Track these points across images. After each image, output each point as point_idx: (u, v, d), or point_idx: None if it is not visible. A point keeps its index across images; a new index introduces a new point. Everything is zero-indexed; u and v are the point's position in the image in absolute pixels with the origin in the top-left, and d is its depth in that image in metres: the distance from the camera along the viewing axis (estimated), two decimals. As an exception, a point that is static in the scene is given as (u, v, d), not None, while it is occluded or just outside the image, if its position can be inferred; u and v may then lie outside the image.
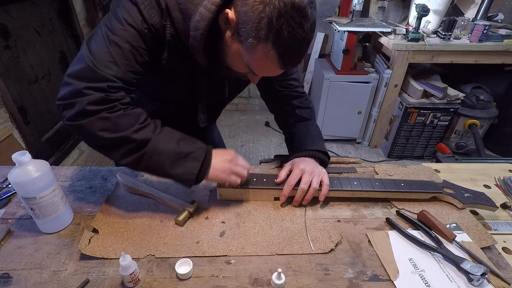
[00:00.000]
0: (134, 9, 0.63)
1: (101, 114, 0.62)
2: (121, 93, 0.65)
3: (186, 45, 0.68)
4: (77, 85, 0.61)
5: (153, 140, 0.65)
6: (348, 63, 2.42)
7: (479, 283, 0.59)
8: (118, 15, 0.64)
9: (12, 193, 0.82)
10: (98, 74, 0.62)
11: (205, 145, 0.71)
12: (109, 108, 0.63)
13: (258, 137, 2.92)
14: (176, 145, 0.67)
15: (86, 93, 0.61)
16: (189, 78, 0.78)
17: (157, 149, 0.65)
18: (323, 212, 0.79)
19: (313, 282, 0.61)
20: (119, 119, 0.63)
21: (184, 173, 0.67)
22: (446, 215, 0.77)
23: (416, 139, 2.54)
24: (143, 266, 0.63)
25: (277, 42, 0.57)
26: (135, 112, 0.66)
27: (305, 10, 0.56)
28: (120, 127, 0.63)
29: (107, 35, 0.63)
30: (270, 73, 0.68)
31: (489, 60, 2.29)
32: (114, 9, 0.66)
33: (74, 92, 0.61)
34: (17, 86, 1.62)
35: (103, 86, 0.62)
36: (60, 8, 2.00)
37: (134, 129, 0.64)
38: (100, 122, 0.62)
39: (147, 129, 0.66)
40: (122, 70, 0.64)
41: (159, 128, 0.68)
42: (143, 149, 0.65)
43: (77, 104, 0.61)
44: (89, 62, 0.62)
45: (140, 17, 0.63)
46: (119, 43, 0.63)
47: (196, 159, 0.68)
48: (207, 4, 0.60)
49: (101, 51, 0.63)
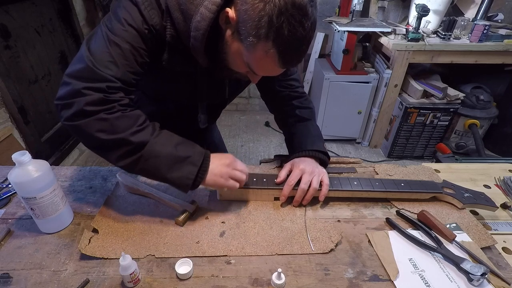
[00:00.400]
0: (134, 9, 0.63)
1: (99, 115, 0.61)
2: (120, 94, 0.65)
3: (186, 46, 0.67)
4: (76, 85, 0.61)
5: (150, 143, 0.65)
6: (348, 63, 2.42)
7: (479, 283, 0.59)
8: (118, 16, 0.64)
9: (12, 193, 0.82)
10: (97, 74, 0.61)
11: (204, 149, 0.71)
12: (108, 109, 0.62)
13: (258, 137, 2.92)
14: (174, 148, 0.67)
15: (85, 93, 0.61)
16: (189, 78, 0.78)
17: (153, 152, 0.65)
18: (323, 212, 0.79)
19: (313, 282, 0.61)
20: (117, 120, 0.63)
21: (181, 178, 0.66)
22: (446, 215, 0.77)
23: (416, 139, 2.54)
24: (143, 266, 0.63)
25: (277, 40, 0.57)
26: (133, 114, 0.66)
27: (306, 9, 0.56)
28: (118, 129, 0.62)
29: (107, 35, 0.63)
30: (270, 73, 0.68)
31: (489, 60, 2.29)
32: (114, 9, 0.66)
33: (73, 92, 0.61)
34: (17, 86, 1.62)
35: (102, 86, 0.62)
36: (60, 8, 2.00)
37: (131, 131, 0.63)
38: (98, 123, 0.62)
39: (145, 131, 0.65)
40: (121, 70, 0.64)
41: (157, 131, 0.67)
42: (140, 151, 0.64)
43: (76, 104, 0.61)
44: (88, 62, 0.61)
45: (140, 18, 0.63)
46: (119, 43, 0.63)
47: (194, 163, 0.67)
48: (207, 5, 0.60)
49: (100, 51, 0.62)
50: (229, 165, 0.72)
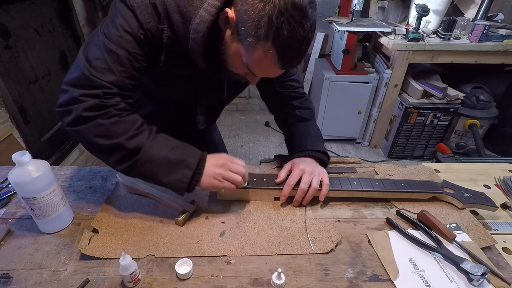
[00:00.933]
0: (130, 15, 0.63)
1: (96, 121, 0.63)
2: (116, 98, 0.66)
3: (185, 48, 0.68)
4: (74, 92, 0.63)
5: (145, 147, 0.65)
6: (348, 63, 2.42)
7: (479, 283, 0.59)
8: (114, 22, 0.64)
9: (12, 193, 0.82)
10: (93, 81, 0.63)
11: (200, 152, 0.71)
12: (104, 114, 0.63)
13: (258, 137, 2.92)
14: (169, 152, 0.67)
15: (82, 100, 0.62)
16: (188, 80, 0.78)
17: (149, 157, 0.66)
18: (323, 212, 0.79)
19: (313, 282, 0.61)
20: (113, 126, 0.64)
21: (176, 181, 0.67)
22: (446, 215, 0.77)
23: (416, 139, 2.54)
24: (143, 266, 0.63)
25: (276, 41, 0.57)
26: (130, 119, 0.66)
27: (306, 10, 0.56)
28: (114, 134, 0.64)
29: (103, 43, 0.64)
30: (269, 74, 0.67)
31: (489, 60, 2.29)
32: (111, 16, 0.66)
33: (71, 99, 0.63)
34: (17, 86, 1.62)
35: (98, 92, 0.63)
36: (60, 8, 2.00)
37: (127, 136, 0.64)
38: (95, 129, 0.63)
39: (140, 136, 0.66)
40: (117, 76, 0.65)
41: (153, 135, 0.68)
42: (135, 156, 0.65)
43: (74, 111, 0.63)
44: (84, 70, 0.63)
45: (136, 23, 0.64)
46: (115, 50, 0.63)
47: (188, 167, 0.67)
48: (207, 7, 0.60)
49: (96, 59, 0.64)
50: (222, 165, 0.72)
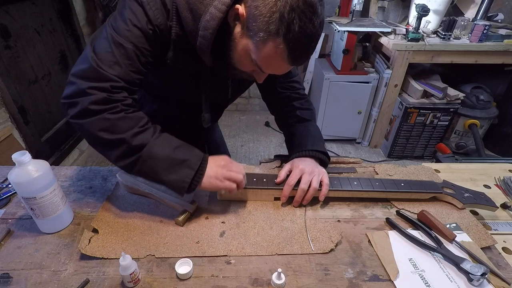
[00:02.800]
0: (139, 10, 0.64)
1: (103, 115, 0.63)
2: (123, 93, 0.66)
3: (193, 45, 0.68)
4: (81, 84, 0.63)
5: (149, 144, 0.65)
6: (348, 63, 2.42)
7: (479, 283, 0.59)
8: (123, 16, 0.64)
9: (12, 193, 0.82)
10: (101, 74, 0.63)
11: (202, 153, 0.71)
12: (111, 108, 0.64)
13: (258, 137, 2.92)
14: (172, 151, 0.67)
15: (90, 93, 0.62)
16: (193, 77, 0.78)
17: (152, 154, 0.66)
18: (323, 212, 0.79)
19: (313, 282, 0.61)
20: (119, 121, 0.64)
21: (177, 180, 0.67)
22: (446, 215, 0.77)
23: (416, 139, 2.54)
24: (143, 266, 0.63)
25: (287, 36, 0.57)
26: (136, 115, 0.67)
27: (316, 6, 0.56)
28: (119, 129, 0.64)
29: (112, 36, 0.64)
30: (277, 70, 0.67)
31: (489, 60, 2.29)
32: (120, 10, 0.66)
33: (78, 91, 0.63)
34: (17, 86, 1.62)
35: (106, 86, 0.63)
36: (60, 8, 1.99)
37: (132, 133, 0.64)
38: (101, 123, 0.63)
39: (145, 133, 0.66)
40: (124, 70, 0.65)
41: (157, 133, 0.68)
42: (139, 152, 0.65)
43: (80, 103, 0.63)
44: (93, 62, 0.63)
45: (145, 18, 0.64)
46: (123, 43, 0.64)
47: (191, 167, 0.67)
48: (217, 4, 0.60)
49: (105, 52, 0.64)
50: (224, 166, 0.72)
